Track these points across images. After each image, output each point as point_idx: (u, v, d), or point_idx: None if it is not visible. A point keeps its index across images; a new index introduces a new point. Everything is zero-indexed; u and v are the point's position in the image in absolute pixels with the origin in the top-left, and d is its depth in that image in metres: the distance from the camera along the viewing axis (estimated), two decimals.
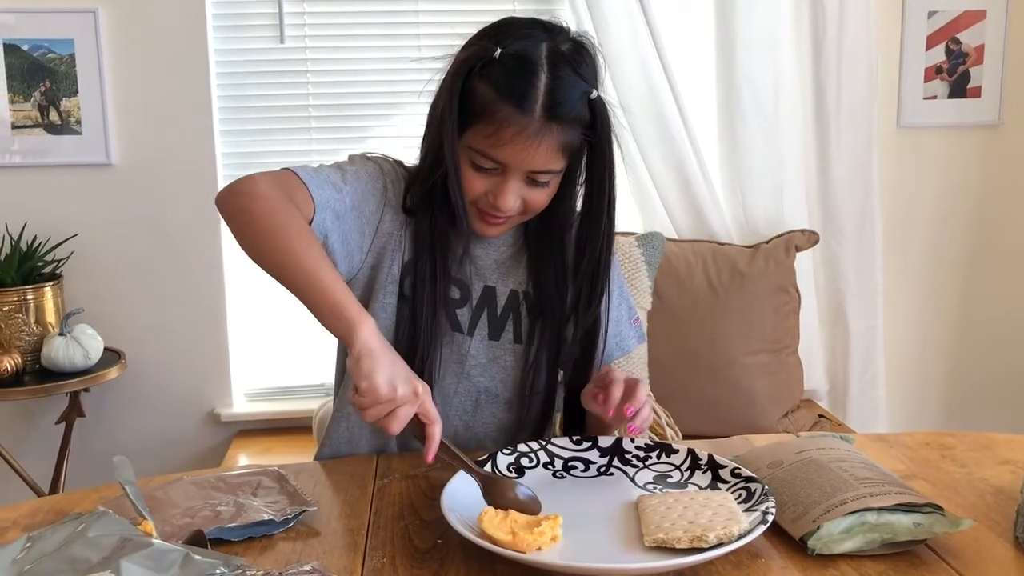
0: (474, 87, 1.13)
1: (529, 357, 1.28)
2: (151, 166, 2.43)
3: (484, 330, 1.28)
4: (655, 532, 0.92)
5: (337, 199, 1.16)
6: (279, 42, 2.49)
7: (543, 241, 1.28)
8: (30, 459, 2.40)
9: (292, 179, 1.14)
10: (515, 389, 1.30)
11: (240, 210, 1.10)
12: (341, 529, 1.02)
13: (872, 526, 0.93)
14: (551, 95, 1.10)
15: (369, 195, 1.21)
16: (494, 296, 1.28)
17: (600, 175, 1.19)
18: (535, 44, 1.12)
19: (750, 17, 2.42)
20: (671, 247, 2.39)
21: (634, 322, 1.38)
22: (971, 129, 2.70)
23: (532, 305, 1.29)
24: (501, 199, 1.15)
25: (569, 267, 1.27)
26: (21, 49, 2.35)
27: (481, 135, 1.12)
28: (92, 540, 0.83)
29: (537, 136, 1.11)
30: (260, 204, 1.08)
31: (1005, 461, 1.21)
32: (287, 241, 1.06)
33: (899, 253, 2.71)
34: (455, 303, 1.27)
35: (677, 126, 2.44)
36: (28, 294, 2.27)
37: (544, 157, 1.13)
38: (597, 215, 1.21)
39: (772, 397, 2.37)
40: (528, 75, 1.10)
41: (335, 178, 1.18)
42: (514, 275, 1.30)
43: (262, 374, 2.61)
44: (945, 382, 2.84)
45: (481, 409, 1.30)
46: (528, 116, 1.10)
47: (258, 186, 1.10)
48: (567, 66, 1.12)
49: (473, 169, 1.16)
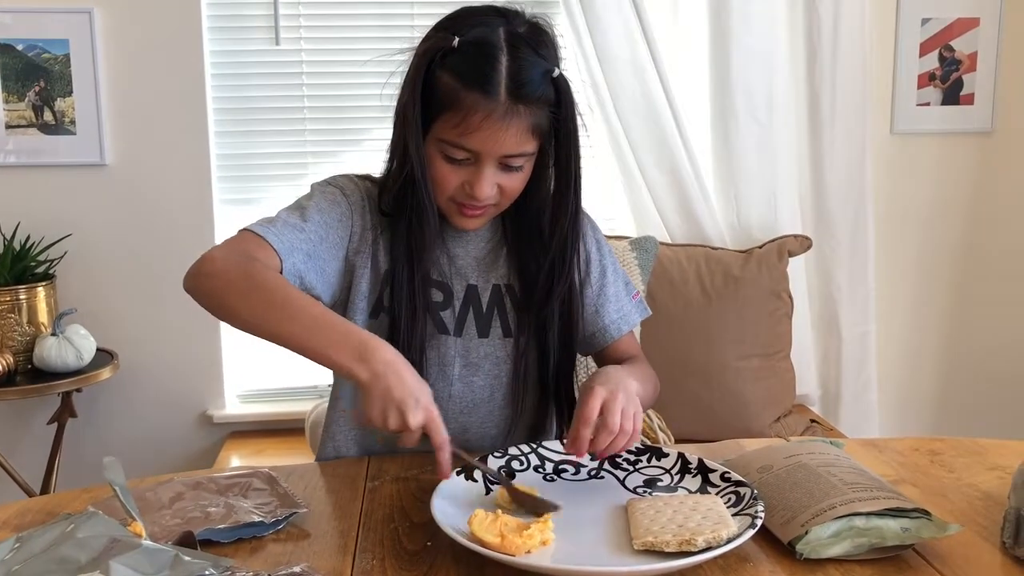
0: (436, 79, 1.13)
1: (520, 348, 1.28)
2: (145, 167, 2.43)
3: (472, 329, 1.28)
4: (644, 535, 0.92)
5: (302, 239, 1.16)
6: (274, 44, 2.49)
7: (521, 230, 1.28)
8: (21, 459, 2.40)
9: (248, 239, 1.13)
10: (509, 383, 1.30)
11: (206, 293, 1.09)
12: (331, 531, 1.02)
13: (860, 531, 0.94)
14: (514, 77, 1.10)
15: (334, 222, 1.22)
16: (477, 293, 1.28)
17: (566, 151, 1.19)
18: (492, 29, 1.13)
19: (744, 22, 2.43)
20: (664, 251, 2.40)
21: (634, 297, 1.38)
22: (964, 136, 2.72)
23: (516, 297, 1.29)
24: (478, 188, 1.15)
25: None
26: (16, 49, 2.35)
27: (449, 125, 1.12)
28: (81, 541, 0.83)
29: (505, 119, 1.11)
30: (220, 282, 1.07)
31: (994, 467, 1.21)
32: (257, 308, 1.05)
33: (892, 259, 2.72)
34: (438, 306, 1.27)
35: (671, 130, 2.44)
36: (21, 294, 2.26)
37: (515, 140, 1.13)
38: (564, 191, 1.22)
39: (764, 402, 2.38)
40: (489, 59, 1.11)
41: (294, 220, 1.18)
42: (495, 270, 1.30)
43: (255, 376, 2.60)
44: (937, 388, 2.84)
45: (478, 409, 1.30)
46: (494, 100, 1.10)
47: (215, 263, 1.09)
48: (527, 47, 1.13)
49: (446, 161, 1.16)
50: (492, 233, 1.30)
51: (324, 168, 2.54)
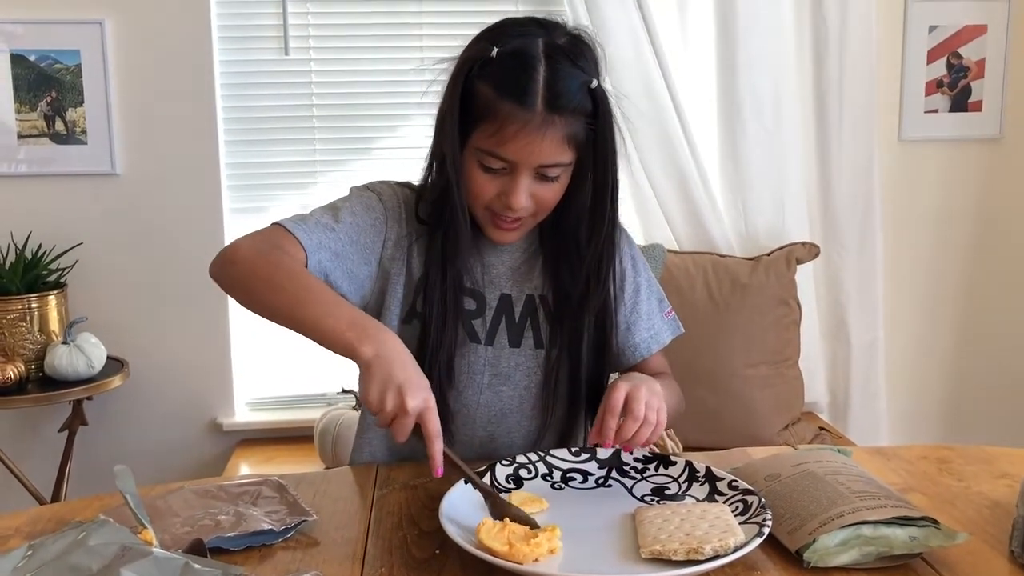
0: (475, 89, 1.14)
1: (551, 359, 1.28)
2: (155, 176, 2.45)
3: (504, 338, 1.28)
4: (652, 544, 0.92)
5: (331, 238, 1.18)
6: (283, 53, 2.50)
7: (558, 241, 1.28)
8: (33, 467, 2.41)
9: (277, 232, 1.16)
10: (539, 394, 1.30)
11: (230, 279, 1.13)
12: (340, 539, 1.02)
13: (868, 539, 0.94)
14: (550, 87, 1.11)
15: (367, 226, 1.23)
16: (511, 303, 1.29)
17: (603, 163, 1.20)
18: (531, 41, 1.14)
19: (751, 29, 2.43)
20: (672, 259, 2.40)
21: (666, 314, 1.38)
22: (972, 143, 2.71)
23: (550, 308, 1.29)
24: (513, 197, 1.16)
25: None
26: (28, 59, 2.37)
27: (486, 134, 1.14)
28: (92, 549, 0.83)
29: (540, 129, 1.12)
30: (244, 268, 1.11)
31: (1003, 475, 1.21)
32: (277, 292, 1.08)
33: (900, 266, 2.71)
34: (470, 314, 1.27)
35: (678, 137, 2.45)
36: (32, 302, 2.28)
37: (550, 150, 1.14)
38: (600, 202, 1.22)
39: (773, 409, 2.37)
40: (526, 70, 1.12)
41: (326, 219, 1.19)
42: (529, 280, 1.30)
43: (264, 384, 2.61)
44: (947, 395, 2.84)
45: (506, 419, 1.30)
46: (529, 111, 1.11)
47: (240, 250, 1.12)
48: (564, 59, 1.13)
49: (482, 171, 1.17)
50: (528, 243, 1.31)
51: (333, 177, 2.57)
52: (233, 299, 1.14)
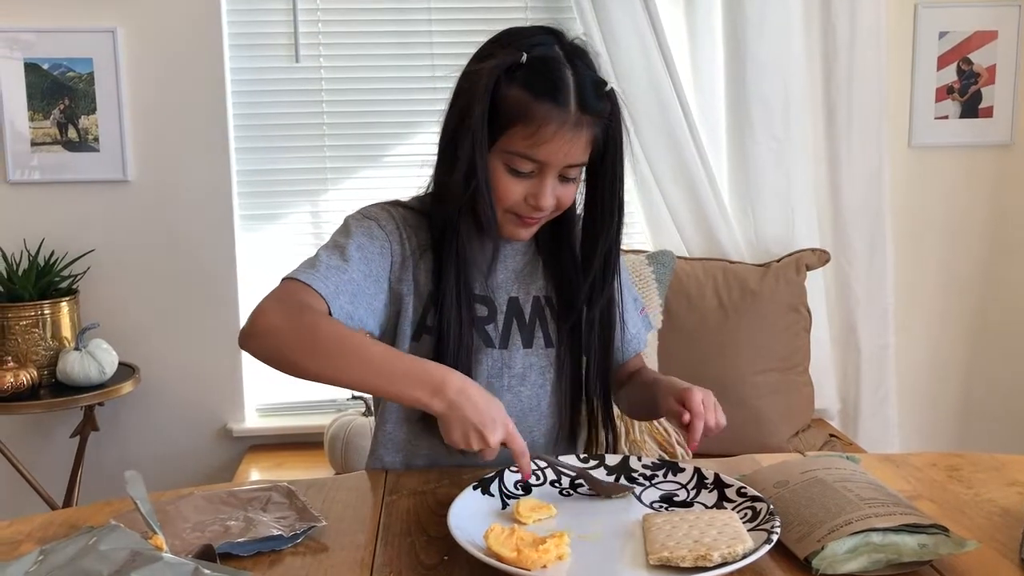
0: (503, 94, 1.16)
1: (561, 357, 1.32)
2: (167, 183, 2.46)
3: (517, 340, 1.31)
4: (660, 550, 0.92)
5: (345, 279, 1.18)
6: (294, 61, 2.52)
7: (556, 242, 1.32)
8: (45, 472, 2.42)
9: (294, 288, 1.16)
10: (554, 392, 1.33)
11: (266, 352, 1.13)
12: (349, 545, 1.03)
13: (877, 546, 0.93)
14: (580, 89, 1.16)
15: (374, 256, 1.24)
16: (519, 305, 1.31)
17: (614, 162, 1.24)
18: (550, 46, 1.18)
19: (760, 36, 2.43)
20: (682, 265, 2.40)
21: (641, 312, 1.44)
22: (983, 149, 2.70)
23: (554, 308, 1.33)
24: (543, 198, 1.19)
25: (579, 261, 1.31)
26: (41, 68, 2.39)
27: (519, 137, 1.16)
28: (103, 553, 0.84)
29: (575, 129, 1.16)
30: (278, 340, 1.11)
31: (1013, 482, 1.20)
32: (321, 360, 1.09)
33: (910, 272, 2.70)
34: (482, 320, 1.29)
35: (688, 143, 2.45)
36: (45, 309, 2.29)
37: (580, 150, 1.18)
38: (611, 202, 1.26)
39: (782, 416, 2.37)
40: (558, 72, 1.15)
41: (335, 261, 1.19)
42: (534, 281, 1.33)
43: (274, 389, 2.62)
44: (958, 401, 2.82)
45: (526, 418, 1.32)
46: (565, 111, 1.15)
47: (267, 320, 1.12)
48: (583, 62, 1.18)
49: (510, 174, 1.19)
50: (526, 247, 1.34)
51: (344, 184, 2.58)
52: (274, 369, 1.13)
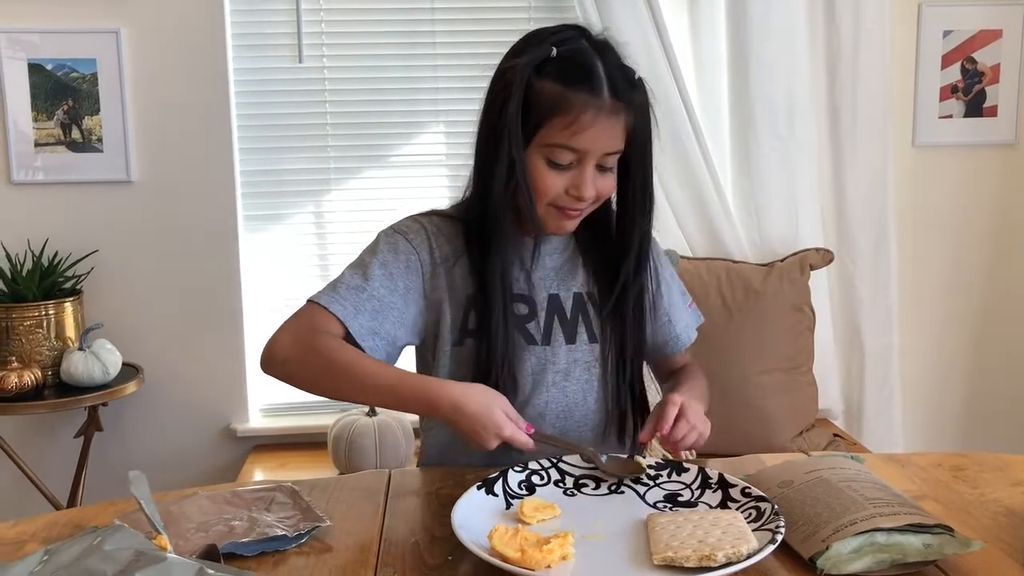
0: (536, 89, 1.18)
1: (605, 352, 1.33)
2: (171, 183, 2.46)
3: (560, 336, 1.31)
4: (664, 551, 0.92)
5: (364, 298, 1.23)
6: (298, 61, 2.52)
7: (594, 237, 1.34)
8: (49, 472, 2.43)
9: (312, 312, 1.23)
10: (600, 387, 1.34)
11: (286, 378, 1.24)
12: (353, 545, 1.03)
13: (882, 546, 0.93)
14: (611, 77, 1.19)
15: (402, 270, 1.26)
16: (560, 302, 1.32)
17: (643, 151, 1.25)
18: (577, 40, 1.21)
19: (764, 36, 2.43)
20: (685, 265, 2.40)
21: (690, 306, 1.45)
22: (987, 148, 2.70)
23: (596, 303, 1.33)
24: (585, 188, 1.20)
25: (620, 251, 1.32)
26: (45, 68, 2.39)
27: (557, 129, 1.18)
28: (108, 554, 0.84)
29: (612, 115, 1.18)
30: (295, 367, 1.22)
31: (1018, 482, 1.20)
32: (338, 382, 1.20)
33: (914, 272, 2.70)
34: (523, 319, 1.30)
35: (691, 143, 2.45)
36: (49, 309, 2.30)
37: (618, 136, 1.20)
38: (643, 192, 1.27)
39: (786, 416, 2.36)
40: (588, 62, 1.18)
41: (356, 281, 1.24)
42: (574, 278, 1.34)
43: (278, 390, 2.58)
44: (962, 401, 2.82)
45: (573, 413, 1.32)
46: (600, 98, 1.17)
47: (284, 348, 1.22)
48: (611, 53, 1.21)
49: (550, 168, 1.20)
50: (565, 244, 1.35)
51: (347, 184, 2.58)
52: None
